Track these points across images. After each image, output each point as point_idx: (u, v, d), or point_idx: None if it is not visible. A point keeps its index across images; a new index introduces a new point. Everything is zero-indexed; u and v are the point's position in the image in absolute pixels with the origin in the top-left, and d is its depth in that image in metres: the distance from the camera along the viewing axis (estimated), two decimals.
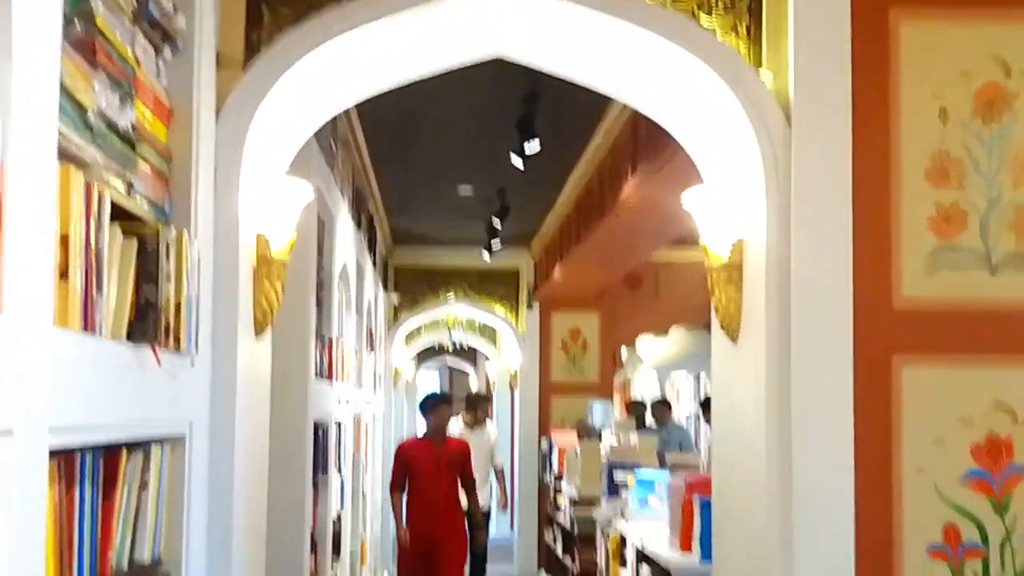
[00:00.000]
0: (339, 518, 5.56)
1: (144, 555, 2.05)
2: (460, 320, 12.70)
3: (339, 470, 5.56)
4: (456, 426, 8.72)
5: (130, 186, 1.94)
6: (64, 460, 1.64)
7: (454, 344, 14.82)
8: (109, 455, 1.86)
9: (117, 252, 1.79)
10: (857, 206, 2.67)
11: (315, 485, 4.59)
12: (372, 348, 8.22)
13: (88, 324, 1.61)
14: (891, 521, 2.66)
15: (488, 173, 7.09)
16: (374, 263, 8.17)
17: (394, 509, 6.44)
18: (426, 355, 18.72)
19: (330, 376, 4.98)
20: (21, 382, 1.35)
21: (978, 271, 2.71)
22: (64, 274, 1.54)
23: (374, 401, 8.75)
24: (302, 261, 3.92)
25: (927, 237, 2.71)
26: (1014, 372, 2.71)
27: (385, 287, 10.28)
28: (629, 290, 10.61)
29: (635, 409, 9.66)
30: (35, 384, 1.39)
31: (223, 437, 2.47)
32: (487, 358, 15.85)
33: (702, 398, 9.89)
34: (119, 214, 1.87)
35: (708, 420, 9.19)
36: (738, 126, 2.80)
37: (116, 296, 1.77)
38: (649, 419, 9.83)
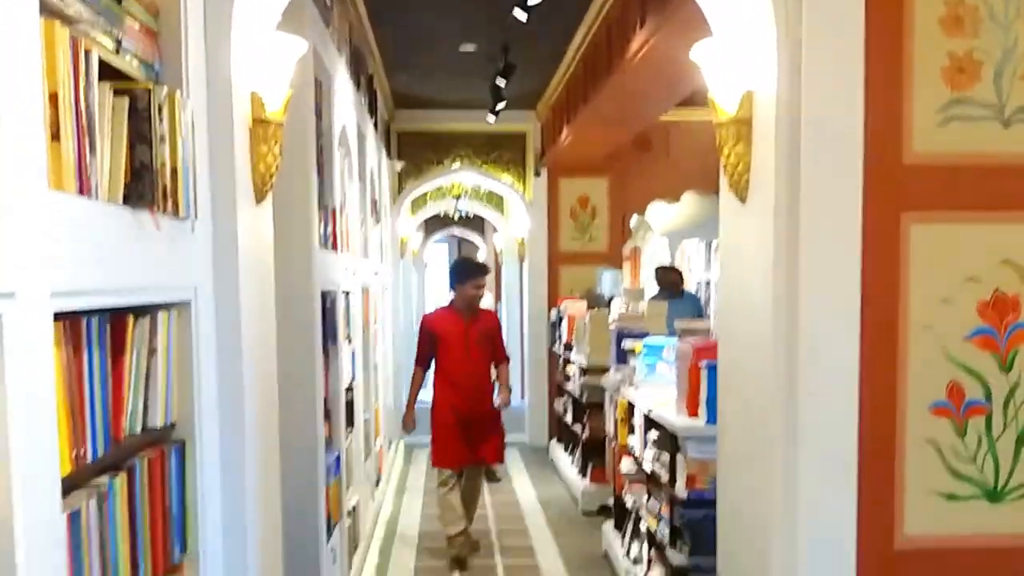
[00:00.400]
0: (351, 388, 5.60)
1: (157, 420, 2.09)
2: (466, 187, 12.59)
3: (349, 341, 5.58)
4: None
5: (118, 44, 1.87)
6: (70, 325, 1.64)
7: (460, 213, 14.75)
8: (116, 321, 1.87)
9: (108, 112, 1.74)
10: (870, 56, 2.58)
11: (325, 355, 4.63)
12: (377, 218, 8.17)
13: (83, 187, 1.59)
14: (895, 380, 2.67)
15: (491, 29, 6.87)
16: (376, 127, 8.02)
17: (412, 385, 6.06)
18: (433, 225, 18.69)
19: (335, 246, 4.95)
20: (19, 246, 1.33)
21: (991, 124, 2.64)
22: (56, 136, 1.51)
23: (382, 272, 8.75)
24: (300, 124, 3.83)
25: (940, 89, 2.63)
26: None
27: (388, 154, 10.16)
28: (639, 153, 10.47)
29: (665, 276, 9.54)
30: (33, 247, 1.38)
31: (228, 303, 2.46)
32: (495, 228, 15.81)
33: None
34: (108, 73, 1.81)
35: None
36: None
37: (110, 158, 1.73)
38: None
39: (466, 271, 6.05)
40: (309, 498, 4.18)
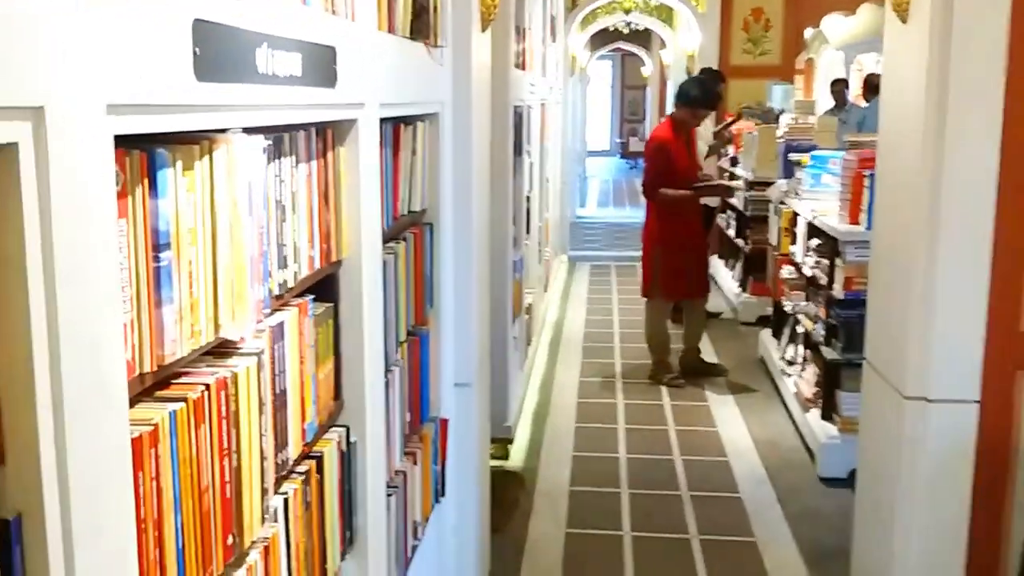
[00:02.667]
0: (529, 198, 6.16)
1: (417, 205, 2.72)
2: (637, 1, 12.59)
3: (528, 155, 6.11)
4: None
5: None
6: None
7: (629, 26, 14.72)
8: (394, 128, 2.48)
9: None
10: None
11: (514, 166, 5.20)
12: (554, 36, 8.50)
13: (391, 27, 2.15)
14: None
15: None
16: None
17: (666, 198, 5.97)
18: (598, 41, 18.65)
19: (523, 65, 5.42)
20: (366, 70, 1.93)
21: None
22: None
23: (555, 88, 9.16)
24: None
25: None
26: None
27: None
28: None
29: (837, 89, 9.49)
30: (372, 72, 1.97)
31: (463, 115, 3.04)
32: (663, 42, 15.71)
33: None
34: None
35: (867, 99, 9.07)
36: None
37: (402, 3, 2.28)
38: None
39: (713, 99, 6.15)
40: (500, 287, 4.83)
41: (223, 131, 1.33)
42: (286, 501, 1.68)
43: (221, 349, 1.44)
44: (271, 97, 1.41)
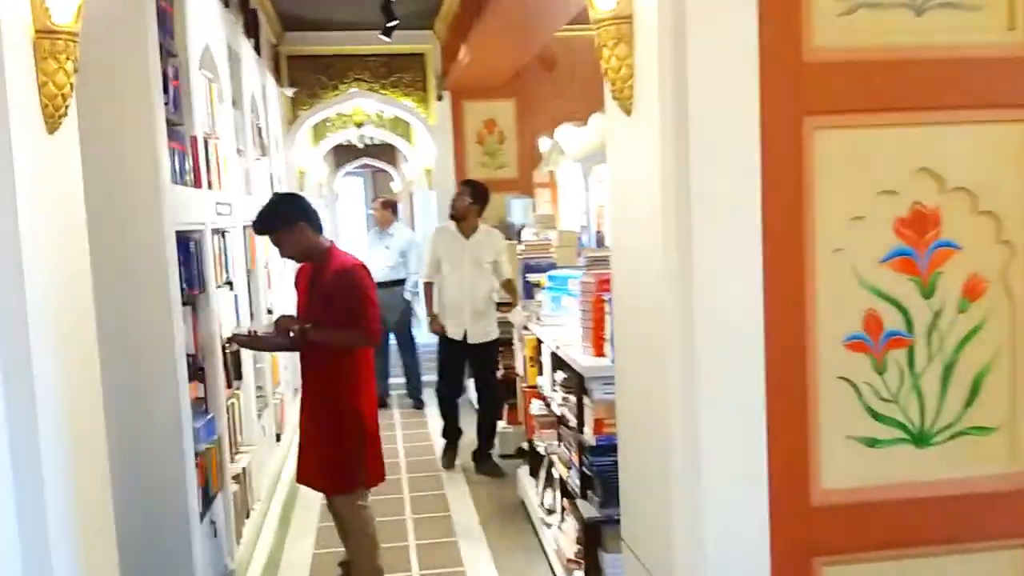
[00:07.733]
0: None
1: None
2: (368, 114, 12.09)
3: (230, 286, 5.14)
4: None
5: None
6: None
7: (366, 141, 14.22)
8: None
9: None
10: None
11: (193, 306, 4.19)
12: (264, 150, 7.61)
13: None
14: (804, 312, 2.37)
15: None
16: (258, 51, 7.46)
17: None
18: (344, 156, 18.13)
19: (198, 182, 4.45)
20: None
21: (901, 11, 2.33)
22: None
23: None
24: (132, 39, 3.44)
25: None
26: (942, 131, 2.38)
27: (278, 79, 9.57)
28: (545, 73, 10.11)
29: None
30: None
31: (4, 261, 2.00)
32: (405, 157, 15.31)
33: None
34: None
35: None
36: None
37: None
38: None
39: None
40: (171, 473, 3.77)
41: None
42: None
43: None
44: None
